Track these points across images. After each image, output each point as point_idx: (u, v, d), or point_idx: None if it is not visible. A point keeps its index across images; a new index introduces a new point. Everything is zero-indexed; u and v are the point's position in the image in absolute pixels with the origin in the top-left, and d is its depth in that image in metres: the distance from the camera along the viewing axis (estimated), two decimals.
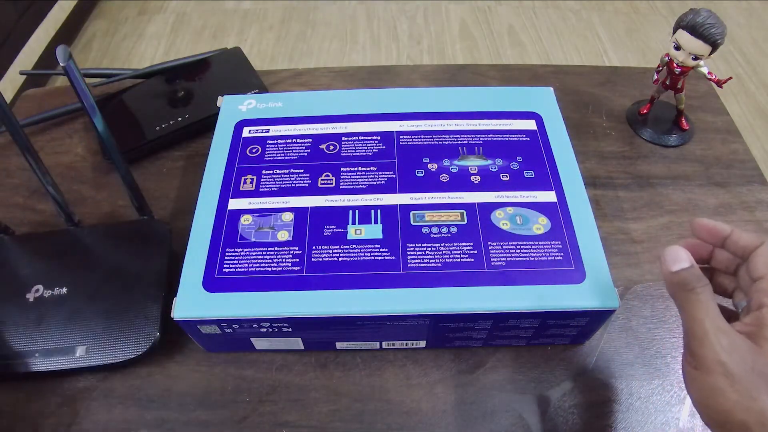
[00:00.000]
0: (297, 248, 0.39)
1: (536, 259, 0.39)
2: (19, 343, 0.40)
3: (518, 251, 0.39)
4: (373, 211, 0.41)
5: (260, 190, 0.43)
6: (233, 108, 0.49)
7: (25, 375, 0.40)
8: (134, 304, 0.42)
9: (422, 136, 0.46)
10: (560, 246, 0.39)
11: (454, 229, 0.40)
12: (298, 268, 0.38)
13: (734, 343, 0.27)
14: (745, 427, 0.26)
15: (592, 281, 0.37)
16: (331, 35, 1.70)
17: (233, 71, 0.61)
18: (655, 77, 0.54)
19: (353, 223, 0.41)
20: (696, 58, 0.48)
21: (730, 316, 0.31)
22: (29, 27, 1.46)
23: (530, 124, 0.47)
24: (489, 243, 0.39)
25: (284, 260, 0.39)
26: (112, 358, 0.40)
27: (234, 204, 0.42)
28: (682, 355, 0.30)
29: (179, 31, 1.72)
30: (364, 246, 0.39)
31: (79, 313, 0.42)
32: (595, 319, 0.39)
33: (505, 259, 0.39)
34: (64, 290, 0.43)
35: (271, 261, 0.39)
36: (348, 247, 0.39)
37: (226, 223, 0.41)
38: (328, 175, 0.44)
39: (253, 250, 0.39)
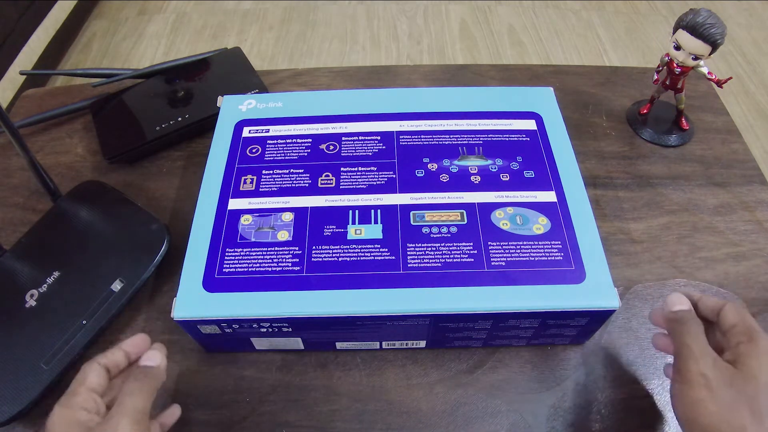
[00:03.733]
0: (297, 248, 0.39)
1: (536, 259, 0.39)
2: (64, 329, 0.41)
3: (518, 251, 0.39)
4: (373, 211, 0.41)
5: (260, 190, 0.43)
6: (233, 108, 0.49)
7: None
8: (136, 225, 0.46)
9: (422, 136, 0.46)
10: (560, 246, 0.39)
11: (454, 229, 0.40)
12: (298, 268, 0.38)
13: (716, 362, 0.31)
14: None
15: (592, 281, 0.37)
16: (331, 35, 1.70)
17: (233, 71, 0.61)
18: (655, 77, 0.54)
19: (353, 223, 0.41)
20: (696, 58, 0.48)
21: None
22: (29, 27, 1.45)
23: (530, 124, 0.47)
24: (489, 243, 0.39)
25: (284, 260, 0.39)
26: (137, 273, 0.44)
27: (234, 204, 0.42)
28: (671, 380, 0.33)
29: (179, 31, 1.72)
30: (364, 246, 0.39)
31: (84, 274, 0.44)
32: (595, 319, 0.39)
33: (505, 259, 0.39)
34: (57, 274, 0.44)
35: (271, 261, 0.39)
36: (348, 247, 0.39)
37: (226, 223, 0.41)
38: (328, 175, 0.44)
39: (253, 250, 0.39)
